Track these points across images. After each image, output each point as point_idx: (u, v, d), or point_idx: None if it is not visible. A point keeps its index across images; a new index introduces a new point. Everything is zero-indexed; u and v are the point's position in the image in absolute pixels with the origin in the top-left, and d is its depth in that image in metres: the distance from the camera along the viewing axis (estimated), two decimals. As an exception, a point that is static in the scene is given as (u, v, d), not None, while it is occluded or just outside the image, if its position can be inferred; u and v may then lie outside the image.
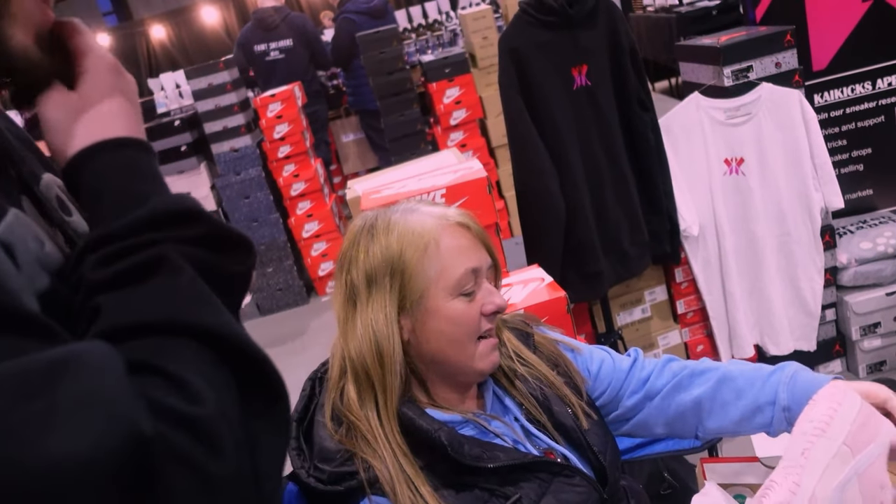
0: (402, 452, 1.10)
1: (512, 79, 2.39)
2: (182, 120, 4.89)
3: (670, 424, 1.33)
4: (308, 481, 1.12)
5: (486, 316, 1.18)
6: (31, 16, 0.69)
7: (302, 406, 1.22)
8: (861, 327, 2.81)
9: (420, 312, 1.16)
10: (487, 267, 1.21)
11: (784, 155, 2.64)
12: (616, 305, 2.83)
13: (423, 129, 5.24)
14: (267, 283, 5.11)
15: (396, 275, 1.15)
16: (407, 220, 1.18)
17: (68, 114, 0.70)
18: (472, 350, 1.18)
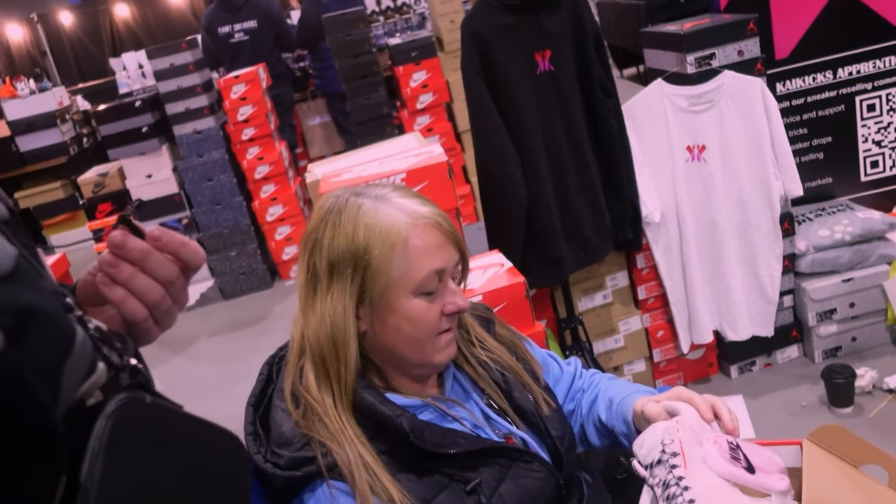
0: (359, 440, 1.09)
1: (474, 63, 2.37)
2: (143, 100, 4.80)
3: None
4: (265, 467, 1.10)
5: (447, 315, 1.18)
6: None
7: (259, 390, 1.20)
8: (818, 313, 2.84)
9: (380, 308, 1.14)
10: (454, 265, 1.18)
11: (745, 142, 2.66)
12: (577, 291, 2.84)
13: (390, 113, 5.21)
14: (230, 266, 5.05)
15: (359, 269, 1.12)
16: (377, 212, 1.14)
17: None
18: (431, 347, 1.18)
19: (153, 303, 0.73)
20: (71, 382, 0.57)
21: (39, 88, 6.19)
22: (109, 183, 4.84)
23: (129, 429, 0.58)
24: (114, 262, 0.71)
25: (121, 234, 0.72)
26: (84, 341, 0.59)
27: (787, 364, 2.98)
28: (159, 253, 0.73)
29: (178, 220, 4.96)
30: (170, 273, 0.74)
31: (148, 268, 0.73)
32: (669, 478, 0.97)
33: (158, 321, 0.75)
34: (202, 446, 0.66)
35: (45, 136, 6.11)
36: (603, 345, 2.92)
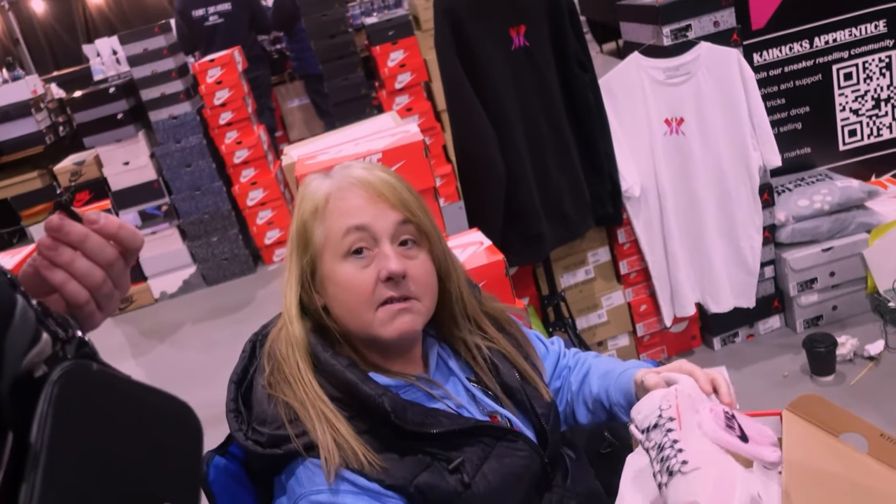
0: (320, 398, 1.09)
1: (448, 40, 2.34)
2: (117, 87, 4.74)
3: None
4: (246, 444, 1.09)
5: (384, 282, 1.11)
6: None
7: (241, 368, 1.19)
8: (798, 283, 2.86)
9: (320, 277, 1.15)
10: (392, 225, 1.13)
11: (723, 114, 2.65)
12: (559, 268, 2.84)
13: (369, 94, 5.17)
14: (212, 252, 5.02)
15: (301, 240, 1.15)
16: (322, 181, 1.17)
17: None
18: (370, 317, 1.12)
19: (94, 285, 0.74)
20: (13, 351, 0.58)
21: (13, 77, 6.10)
22: (86, 171, 4.79)
23: (76, 393, 0.60)
24: (52, 245, 0.72)
25: (58, 217, 0.72)
26: (25, 310, 0.60)
27: (769, 334, 3.00)
28: (97, 236, 0.74)
29: (158, 208, 4.91)
30: (109, 255, 0.75)
31: (87, 251, 0.74)
32: (665, 440, 0.98)
33: (101, 305, 0.77)
34: (151, 411, 0.68)
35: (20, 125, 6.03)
36: (586, 320, 2.93)
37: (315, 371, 1.12)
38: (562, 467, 1.27)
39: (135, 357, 4.33)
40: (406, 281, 1.12)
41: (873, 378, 2.59)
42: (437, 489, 1.07)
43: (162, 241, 4.97)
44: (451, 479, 1.09)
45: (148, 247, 4.92)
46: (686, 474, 0.94)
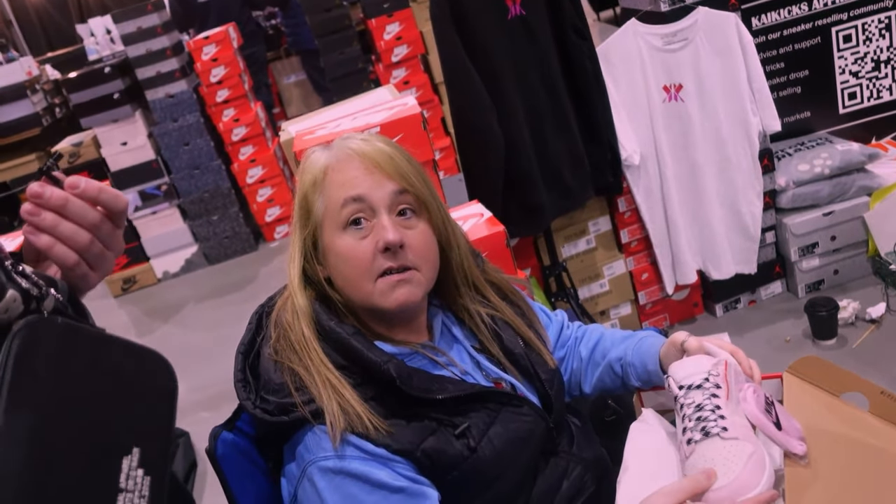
0: (324, 364, 1.09)
1: (444, 10, 2.32)
2: (112, 66, 4.71)
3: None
4: (255, 412, 1.10)
5: (382, 252, 1.11)
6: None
7: (248, 339, 1.20)
8: (799, 248, 2.86)
9: (322, 248, 1.16)
10: (389, 195, 1.13)
11: (722, 80, 2.64)
12: (560, 238, 2.84)
13: (366, 68, 5.14)
14: (213, 231, 5.02)
15: (303, 212, 1.16)
16: (321, 153, 1.17)
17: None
18: (370, 288, 1.12)
19: (82, 247, 0.77)
20: None
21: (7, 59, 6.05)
22: (84, 152, 4.78)
23: (37, 345, 0.62)
24: (35, 211, 0.75)
25: (38, 184, 0.75)
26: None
27: (771, 300, 3.01)
28: (79, 200, 0.77)
29: (158, 187, 4.91)
30: (93, 218, 0.78)
31: (70, 214, 0.76)
32: (706, 403, 1.01)
33: (93, 265, 0.79)
34: (118, 361, 0.70)
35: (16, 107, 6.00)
36: (588, 290, 2.93)
37: (320, 339, 1.13)
38: (567, 433, 1.29)
39: (139, 337, 4.35)
40: (404, 251, 1.12)
41: (875, 341, 2.60)
42: (444, 454, 1.09)
43: (163, 221, 4.98)
44: (457, 444, 1.10)
45: (149, 227, 4.93)
46: (725, 440, 0.97)
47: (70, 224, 0.76)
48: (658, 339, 1.30)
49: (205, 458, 3.04)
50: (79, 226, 0.77)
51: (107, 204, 0.79)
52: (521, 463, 1.16)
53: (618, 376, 1.34)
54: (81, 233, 0.77)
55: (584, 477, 1.22)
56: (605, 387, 1.38)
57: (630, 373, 1.31)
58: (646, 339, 1.32)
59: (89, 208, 0.77)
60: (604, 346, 1.39)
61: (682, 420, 1.03)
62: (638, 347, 1.31)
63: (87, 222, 0.77)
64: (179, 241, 5.04)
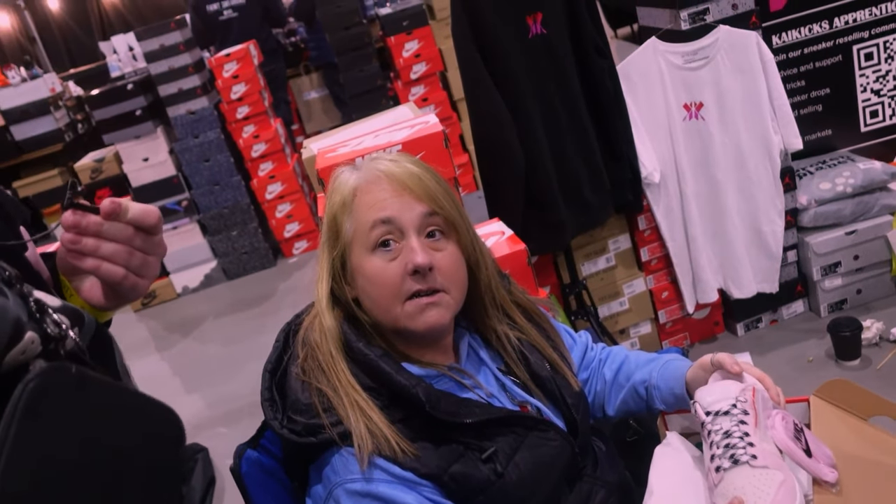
0: (352, 386, 1.09)
1: (465, 29, 2.34)
2: (135, 83, 4.76)
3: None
4: (282, 433, 1.10)
5: (411, 275, 1.11)
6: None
7: (275, 357, 1.20)
8: (822, 267, 2.84)
9: (351, 270, 1.16)
10: (418, 217, 1.12)
11: (743, 98, 2.63)
12: (580, 256, 2.83)
13: (384, 85, 5.17)
14: (232, 247, 5.05)
15: (332, 233, 1.16)
16: (345, 175, 1.18)
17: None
18: (398, 310, 1.12)
19: (125, 261, 0.84)
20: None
21: (31, 76, 6.14)
22: (106, 168, 4.83)
23: (48, 396, 0.60)
24: (76, 240, 0.81)
25: (71, 214, 0.80)
26: (4, 309, 0.62)
27: (792, 319, 2.98)
28: (110, 221, 0.82)
29: (178, 203, 4.95)
30: (128, 234, 0.84)
31: (107, 235, 0.82)
32: (734, 429, 1.01)
33: (140, 273, 0.86)
34: (131, 416, 0.70)
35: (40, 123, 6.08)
36: (608, 308, 2.92)
37: (348, 360, 1.13)
38: (591, 456, 1.28)
39: (159, 351, 4.37)
40: (433, 273, 1.12)
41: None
42: (471, 478, 1.08)
43: (183, 236, 5.01)
44: (484, 469, 1.09)
45: (169, 242, 4.91)
46: (754, 468, 0.96)
47: (109, 244, 0.82)
48: (684, 363, 1.29)
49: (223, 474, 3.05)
50: (116, 243, 0.82)
51: (138, 221, 0.84)
52: (547, 487, 1.15)
53: (642, 399, 1.33)
54: (121, 249, 0.83)
55: (609, 501, 1.21)
56: (628, 409, 1.37)
57: (654, 395, 1.30)
58: (671, 363, 1.30)
59: (122, 226, 0.83)
60: (628, 369, 1.38)
61: (709, 447, 1.02)
62: (663, 371, 1.30)
63: (123, 238, 0.83)
64: (199, 256, 5.08)
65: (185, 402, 3.67)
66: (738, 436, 1.00)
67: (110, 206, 0.81)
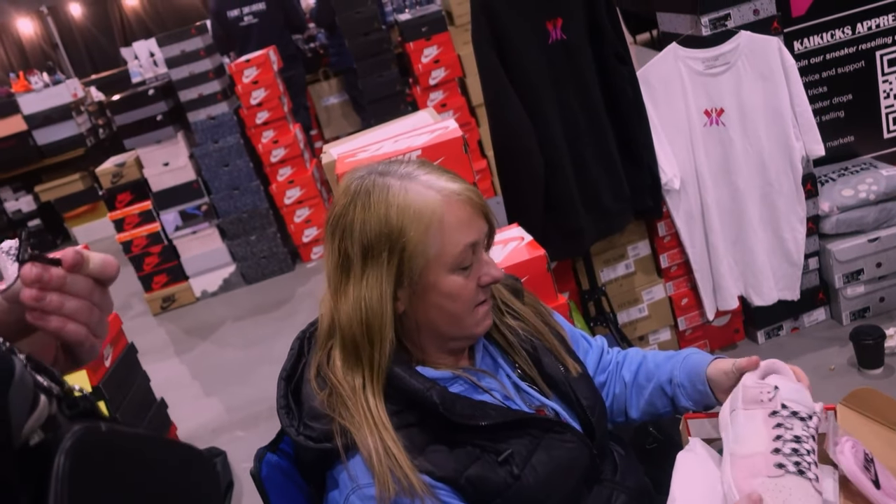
0: (383, 425, 1.08)
1: (485, 34, 2.34)
2: (156, 89, 4.80)
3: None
4: (298, 440, 1.11)
5: (483, 288, 1.18)
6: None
7: (290, 365, 1.21)
8: (844, 275, 2.81)
9: (419, 288, 1.14)
10: (485, 236, 1.19)
11: (764, 104, 2.61)
12: (599, 262, 2.82)
13: (403, 90, 5.18)
14: (251, 251, 5.07)
15: (396, 251, 1.11)
16: (407, 192, 1.12)
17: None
18: (470, 320, 1.18)
19: (86, 319, 0.75)
20: (18, 420, 0.56)
21: (53, 81, 6.22)
22: (127, 173, 4.87)
23: (88, 462, 0.57)
24: (39, 296, 0.72)
25: (31, 267, 0.71)
26: (23, 374, 0.58)
27: (814, 327, 2.96)
28: (75, 275, 0.74)
29: (198, 207, 4.98)
30: (87, 288, 0.75)
31: (69, 290, 0.73)
32: (805, 439, 1.01)
33: (96, 334, 0.77)
34: (164, 467, 0.66)
35: (62, 128, 6.16)
36: (627, 315, 2.91)
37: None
38: (610, 461, 1.27)
39: (178, 355, 4.40)
40: None
41: (923, 370, 2.54)
42: (488, 481, 1.08)
43: (202, 241, 5.04)
44: (500, 472, 1.10)
45: (188, 246, 5.00)
46: (814, 488, 0.97)
47: (73, 300, 0.74)
48: (703, 357, 1.29)
49: (241, 478, 3.05)
50: (79, 298, 0.74)
51: (100, 273, 0.76)
52: (565, 490, 1.15)
53: (668, 398, 1.33)
54: (83, 305, 0.74)
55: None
56: (655, 411, 1.36)
57: (679, 393, 1.30)
58: (691, 357, 1.31)
59: (83, 279, 0.75)
60: (647, 369, 1.37)
61: (774, 439, 1.02)
62: (685, 367, 1.31)
63: (84, 293, 0.75)
64: (218, 260, 5.10)
65: (203, 406, 3.68)
66: (806, 448, 1.00)
67: (74, 256, 0.73)
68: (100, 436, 0.59)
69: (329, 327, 1.17)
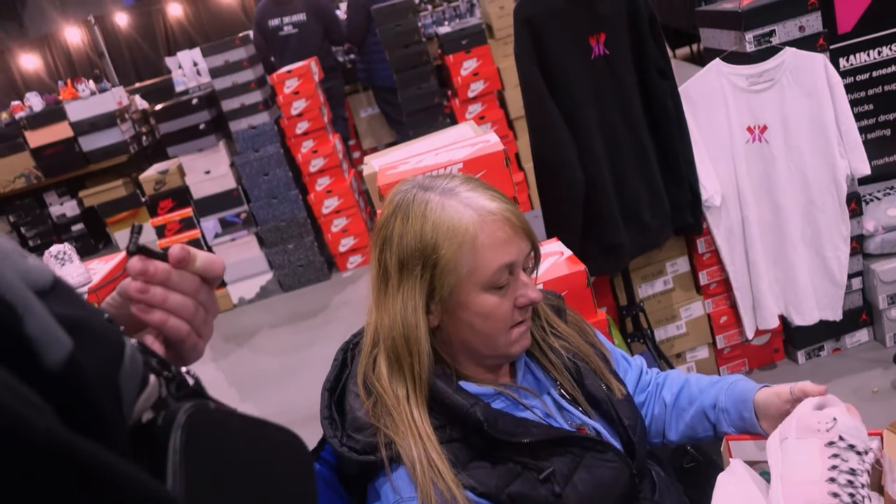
0: (427, 436, 1.09)
1: (528, 49, 2.35)
2: (199, 98, 4.88)
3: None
4: (342, 451, 1.12)
5: (519, 308, 1.17)
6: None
7: (334, 376, 1.23)
8: (888, 296, 2.76)
9: (451, 304, 1.15)
10: (525, 256, 1.17)
11: (808, 121, 2.58)
12: (637, 277, 2.80)
13: (441, 102, 5.20)
14: (288, 259, 5.12)
15: (428, 266, 1.13)
16: (444, 208, 1.13)
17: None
18: (503, 340, 1.18)
19: (190, 316, 0.75)
20: (128, 396, 0.57)
21: (99, 89, 6.35)
22: (169, 180, 4.95)
23: (202, 437, 0.58)
24: (144, 288, 0.73)
25: (138, 260, 0.72)
26: (133, 353, 0.59)
27: (856, 348, 2.90)
28: (178, 270, 0.75)
29: (237, 215, 5.04)
30: (195, 285, 0.76)
31: (174, 285, 0.74)
32: (861, 472, 1.01)
33: (199, 333, 0.77)
34: (268, 446, 0.67)
35: (107, 135, 6.28)
36: (664, 331, 2.88)
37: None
38: (649, 480, 1.27)
39: (215, 361, 4.45)
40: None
41: (970, 395, 2.48)
42: (529, 498, 1.08)
43: (240, 248, 5.10)
44: (542, 489, 1.09)
45: (227, 253, 5.06)
46: None
47: (177, 295, 0.74)
48: (751, 385, 1.27)
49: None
50: (184, 295, 0.75)
51: (205, 271, 0.77)
52: None
53: (710, 423, 1.31)
54: (188, 302, 0.75)
55: (669, 526, 1.20)
56: (694, 434, 1.35)
57: (723, 419, 1.28)
58: (738, 384, 1.29)
59: (189, 276, 0.76)
60: (690, 392, 1.36)
61: (830, 469, 1.01)
62: (730, 393, 1.28)
63: (190, 290, 0.75)
64: (255, 268, 5.16)
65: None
66: (861, 482, 0.99)
67: (180, 252, 0.73)
68: (211, 412, 0.61)
69: (373, 337, 1.19)
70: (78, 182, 6.77)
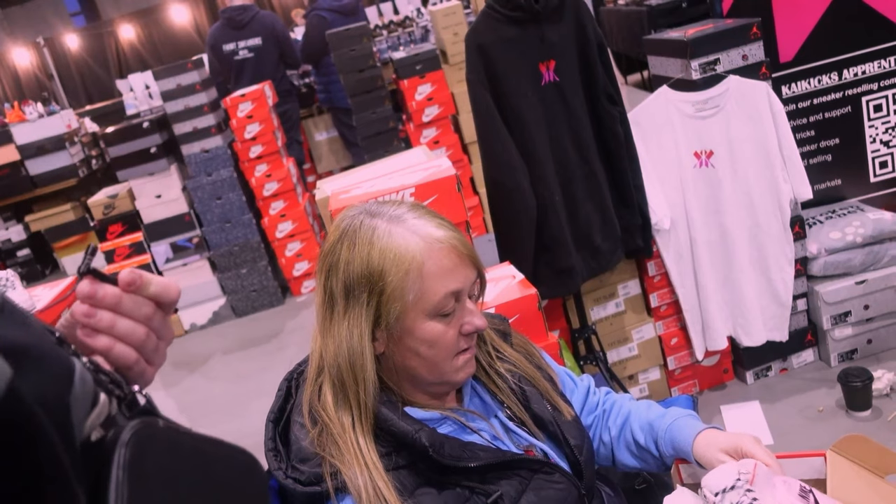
0: (373, 464, 1.08)
1: (480, 75, 2.37)
2: (151, 121, 4.83)
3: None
4: (286, 483, 1.10)
5: (465, 336, 1.18)
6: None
7: (278, 406, 1.21)
8: (832, 316, 2.83)
9: (396, 331, 1.14)
10: (471, 284, 1.18)
11: (753, 147, 2.65)
12: (590, 300, 2.83)
13: (396, 127, 5.21)
14: (241, 284, 5.06)
15: (374, 293, 1.12)
16: (391, 235, 1.13)
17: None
18: (448, 367, 1.18)
19: (139, 343, 0.72)
20: (78, 417, 0.57)
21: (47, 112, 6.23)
22: (119, 204, 4.87)
23: (147, 455, 0.58)
24: (90, 312, 0.70)
25: (88, 283, 0.70)
26: (83, 374, 0.59)
27: (802, 368, 2.97)
28: (132, 295, 0.72)
29: (189, 240, 4.98)
30: (147, 311, 0.73)
31: (124, 311, 0.72)
32: (743, 499, 1.05)
33: (149, 360, 0.75)
34: (218, 465, 0.66)
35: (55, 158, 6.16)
36: (617, 354, 2.91)
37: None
38: (598, 500, 1.27)
39: (165, 388, 4.36)
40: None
41: (911, 413, 2.55)
42: None
43: (193, 273, 5.03)
44: None
45: (179, 278, 4.98)
46: None
47: (126, 321, 0.71)
48: (691, 427, 1.28)
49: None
50: (134, 321, 0.72)
51: (159, 296, 0.74)
52: None
53: (656, 458, 1.34)
54: (138, 328, 0.72)
55: (618, 547, 1.21)
56: (644, 467, 1.38)
57: (666, 454, 1.31)
58: (678, 423, 1.30)
59: (142, 301, 0.73)
60: (631, 428, 1.38)
61: None
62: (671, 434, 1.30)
63: (141, 316, 0.73)
64: (208, 293, 5.09)
65: (190, 440, 3.64)
66: (747, 502, 1.02)
67: (129, 276, 0.71)
68: (158, 430, 0.60)
69: (318, 365, 1.18)
70: (24, 206, 6.63)
